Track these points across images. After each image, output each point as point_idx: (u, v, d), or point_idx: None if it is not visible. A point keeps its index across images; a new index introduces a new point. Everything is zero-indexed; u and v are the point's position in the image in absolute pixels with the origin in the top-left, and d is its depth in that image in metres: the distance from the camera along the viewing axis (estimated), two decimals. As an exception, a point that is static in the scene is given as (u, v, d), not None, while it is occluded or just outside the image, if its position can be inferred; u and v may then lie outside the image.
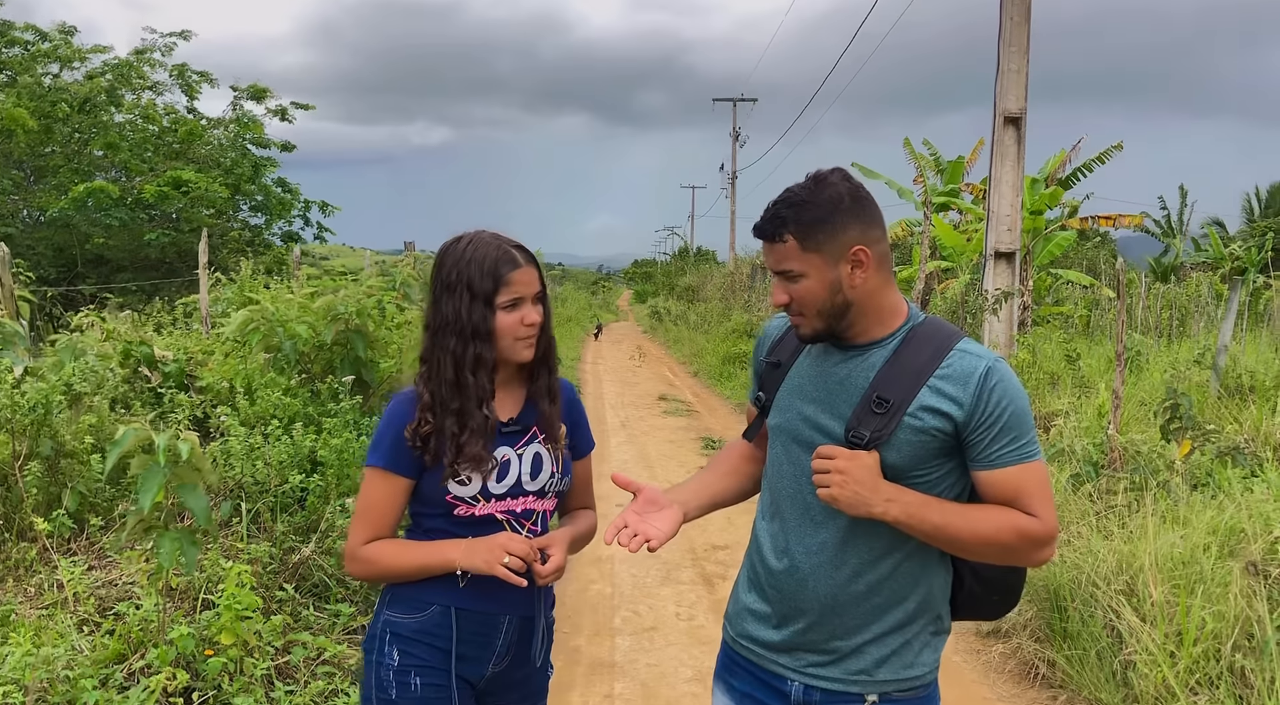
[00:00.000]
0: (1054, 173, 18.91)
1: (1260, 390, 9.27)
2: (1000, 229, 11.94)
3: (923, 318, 1.95)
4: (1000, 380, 1.82)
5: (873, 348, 1.91)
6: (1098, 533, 5.07)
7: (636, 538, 1.96)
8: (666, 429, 11.90)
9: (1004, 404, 1.81)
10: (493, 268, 2.05)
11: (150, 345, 6.34)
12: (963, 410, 1.81)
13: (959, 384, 1.82)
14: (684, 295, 33.70)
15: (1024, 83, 12.00)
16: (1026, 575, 2.07)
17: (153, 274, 16.35)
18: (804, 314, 1.91)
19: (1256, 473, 5.56)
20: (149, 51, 17.78)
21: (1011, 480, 1.83)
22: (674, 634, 5.18)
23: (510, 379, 2.17)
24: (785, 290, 1.91)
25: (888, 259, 1.92)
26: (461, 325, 2.05)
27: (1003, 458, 1.82)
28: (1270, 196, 36.19)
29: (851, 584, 1.90)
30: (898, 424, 1.83)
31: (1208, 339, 14.59)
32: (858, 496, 1.81)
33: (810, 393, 1.96)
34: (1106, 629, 4.37)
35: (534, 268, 2.11)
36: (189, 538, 3.33)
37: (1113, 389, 6.88)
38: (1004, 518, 1.83)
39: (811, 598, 1.93)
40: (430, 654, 2.09)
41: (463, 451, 2.05)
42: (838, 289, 1.86)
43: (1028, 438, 1.83)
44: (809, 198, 1.86)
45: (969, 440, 1.83)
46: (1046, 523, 1.84)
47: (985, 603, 2.04)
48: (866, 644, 1.91)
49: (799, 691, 1.95)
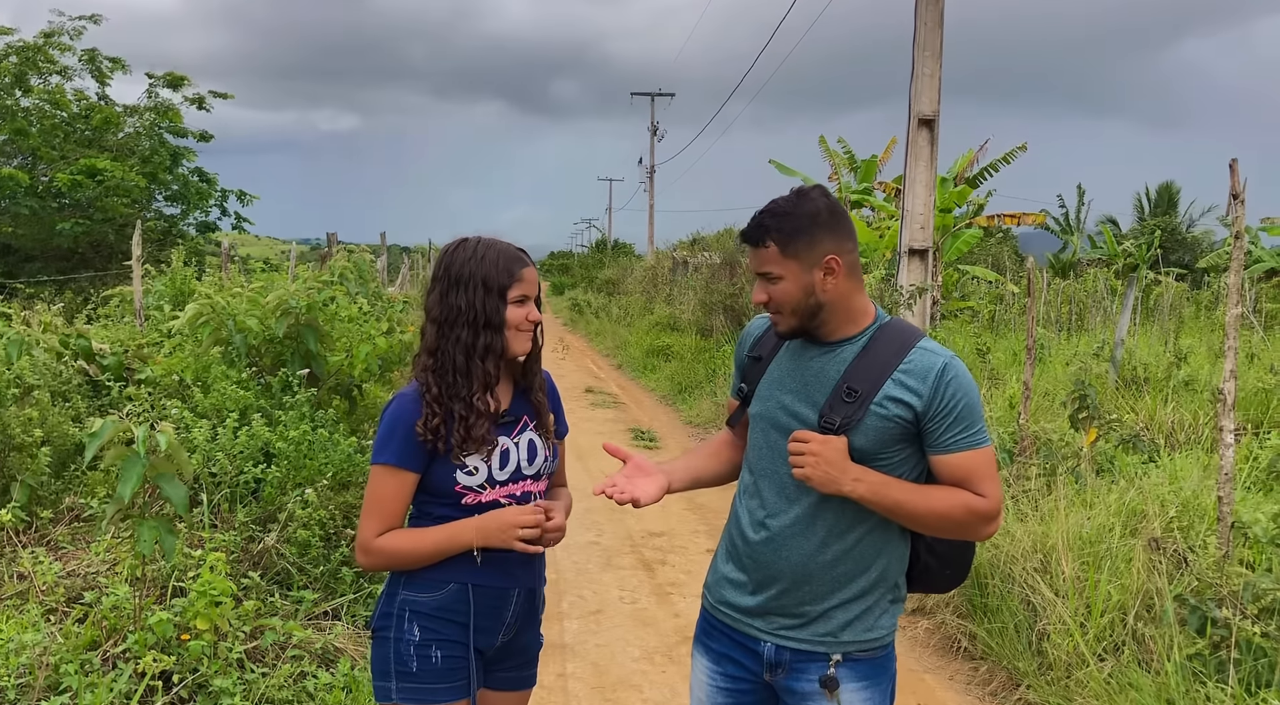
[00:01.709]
0: (962, 172, 19.59)
1: (1154, 381, 9.89)
2: (914, 227, 12.42)
3: (888, 319, 2.22)
4: (955, 376, 2.09)
5: (844, 344, 2.17)
6: (1014, 515, 5.45)
7: (624, 493, 2.23)
8: (595, 420, 12.11)
9: (958, 396, 2.08)
10: (508, 264, 2.27)
11: (88, 338, 6.31)
12: (922, 401, 2.08)
13: (919, 378, 2.08)
14: (604, 288, 33.88)
15: (937, 86, 12.48)
16: (974, 551, 2.35)
17: (63, 264, 15.92)
18: (781, 312, 2.16)
19: (1154, 458, 6.01)
20: (57, 34, 17.25)
21: (963, 464, 2.10)
22: (619, 616, 5.41)
23: (503, 373, 2.36)
24: (765, 290, 2.16)
25: (858, 268, 2.19)
26: (475, 315, 2.24)
27: (956, 444, 2.09)
28: (1159, 196, 37.91)
29: (820, 554, 2.15)
30: (865, 412, 2.09)
31: (1105, 333, 15.38)
32: (828, 476, 2.07)
33: (788, 384, 2.22)
34: (1023, 603, 4.74)
35: (535, 271, 2.34)
36: (167, 526, 3.43)
37: (1023, 381, 7.31)
38: (956, 497, 2.10)
39: (784, 566, 2.18)
40: (449, 628, 2.28)
41: (470, 434, 2.23)
42: (811, 292, 2.12)
43: (978, 427, 2.10)
44: (791, 210, 2.12)
45: (926, 428, 2.10)
46: (993, 500, 2.11)
47: (939, 576, 2.32)
48: (833, 609, 2.16)
49: (771, 651, 2.20)
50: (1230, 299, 4.65)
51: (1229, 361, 4.64)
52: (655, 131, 43.90)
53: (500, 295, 2.26)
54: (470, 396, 2.25)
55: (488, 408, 2.27)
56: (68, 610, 3.87)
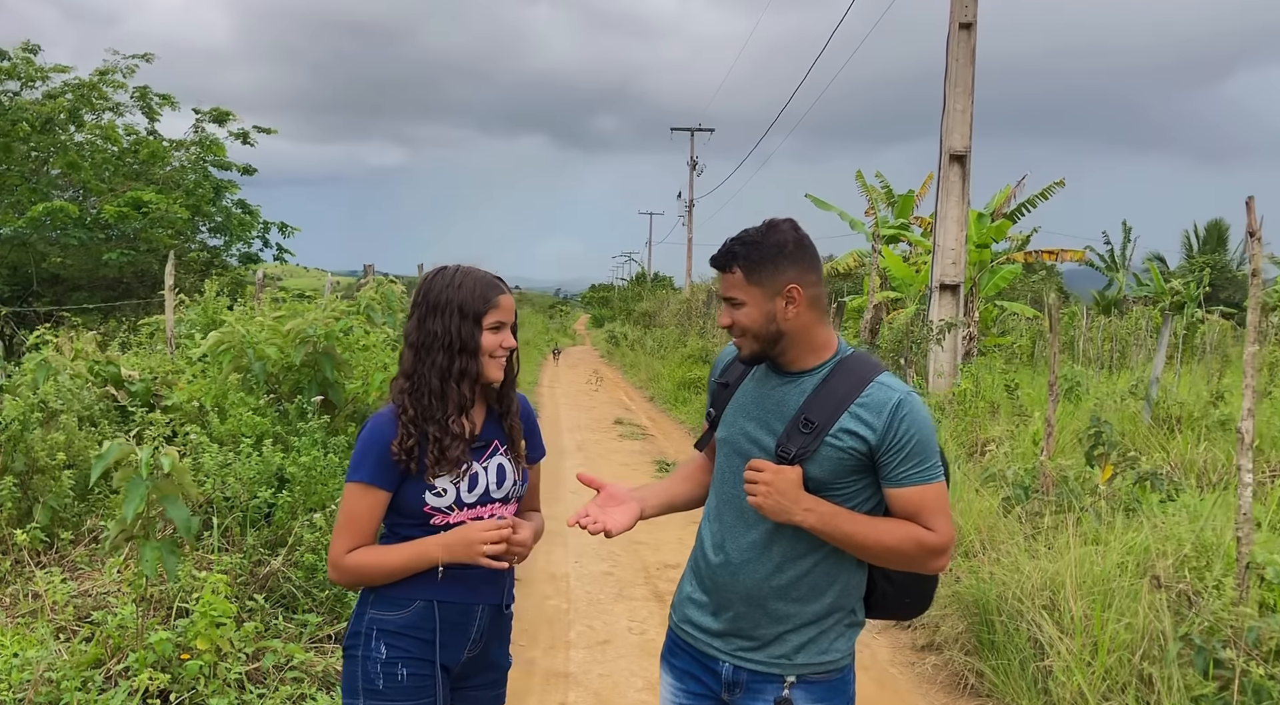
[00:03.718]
0: (1000, 207, 19.51)
1: (1188, 420, 9.74)
2: (945, 262, 12.39)
3: (850, 352, 2.26)
4: (910, 411, 2.11)
5: (805, 376, 2.22)
6: (1025, 553, 5.39)
7: (596, 524, 2.28)
8: (622, 452, 12.15)
9: (911, 432, 2.10)
10: (484, 291, 2.33)
11: (117, 365, 6.49)
12: (875, 435, 2.10)
13: (875, 412, 2.11)
14: (641, 320, 34.00)
15: (969, 122, 12.49)
16: (936, 582, 2.36)
17: (109, 293, 16.31)
18: (744, 336, 2.22)
19: (1173, 496, 5.92)
20: (111, 72, 17.79)
21: (914, 498, 2.12)
22: (626, 647, 5.41)
23: (476, 398, 2.41)
24: (729, 314, 2.23)
25: (820, 301, 2.24)
26: (450, 340, 2.30)
27: (908, 478, 2.12)
28: (1208, 233, 37.38)
29: (774, 578, 2.19)
30: (820, 443, 2.12)
31: (1146, 371, 15.15)
32: (780, 505, 2.11)
33: (751, 411, 2.27)
34: (1030, 641, 4.68)
35: (512, 299, 2.40)
36: (170, 547, 3.52)
37: (1045, 417, 7.24)
38: (905, 530, 2.13)
39: (741, 589, 2.22)
40: (415, 646, 2.33)
41: (445, 455, 2.29)
42: (772, 319, 2.18)
43: (931, 462, 2.13)
44: (759, 239, 2.19)
45: (880, 461, 2.12)
46: (942, 535, 2.13)
47: (897, 604, 2.34)
48: (787, 632, 2.20)
49: (729, 671, 2.25)
50: (1249, 337, 4.61)
51: (1247, 400, 4.60)
52: (694, 166, 44.17)
53: (476, 321, 2.31)
54: (445, 419, 2.31)
55: (462, 430, 2.33)
56: (77, 628, 3.96)
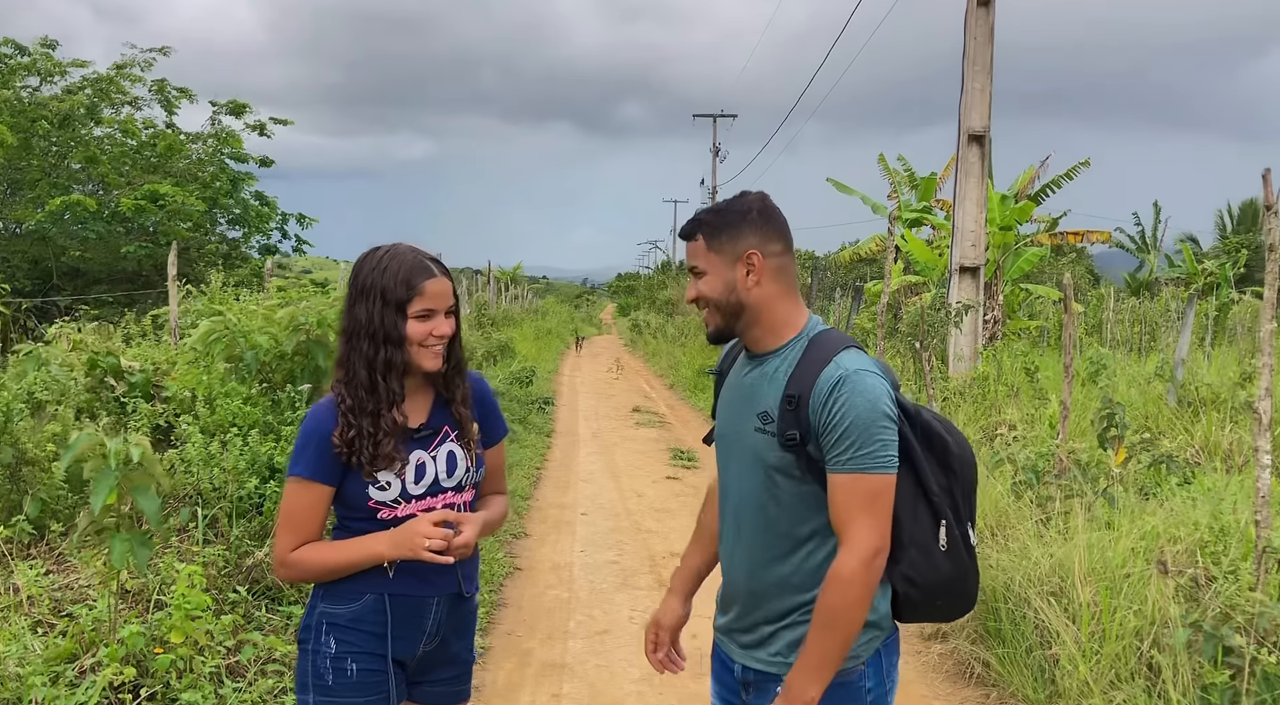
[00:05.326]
0: (1023, 189, 19.19)
1: (1214, 402, 9.49)
2: (965, 244, 12.16)
3: (822, 329, 2.12)
4: (849, 390, 1.93)
5: (769, 357, 2.10)
6: (1035, 538, 5.23)
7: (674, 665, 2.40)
8: (637, 440, 12.04)
9: (843, 411, 1.93)
10: (407, 276, 2.16)
11: (117, 355, 6.45)
12: (814, 415, 1.96)
13: (820, 390, 1.97)
14: (664, 308, 33.87)
15: (988, 101, 12.23)
16: (969, 578, 2.11)
17: (129, 286, 16.41)
18: (708, 309, 2.12)
19: (1188, 480, 5.74)
20: (129, 66, 17.87)
21: (841, 488, 1.95)
22: (625, 637, 5.31)
23: (420, 386, 2.29)
24: (694, 287, 2.13)
25: (785, 272, 2.11)
26: (374, 329, 2.16)
27: (833, 463, 1.95)
28: (1242, 213, 36.68)
29: (764, 573, 2.09)
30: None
31: (1172, 353, 14.84)
32: None
33: (730, 402, 2.18)
34: (1036, 629, 4.53)
35: (448, 281, 2.23)
36: (141, 539, 3.45)
37: (1061, 400, 7.05)
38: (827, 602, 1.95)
39: (740, 586, 2.15)
40: (366, 640, 2.23)
41: (378, 450, 2.17)
42: (732, 288, 2.07)
43: (864, 450, 1.92)
44: (724, 206, 2.11)
45: (821, 444, 1.97)
46: (852, 550, 1.93)
47: (928, 607, 2.11)
48: (781, 630, 2.09)
49: (740, 670, 2.17)
50: (1264, 314, 4.43)
51: (1264, 379, 4.42)
52: (717, 153, 43.89)
53: (398, 309, 2.17)
54: (376, 413, 2.19)
55: (393, 425, 2.20)
56: (55, 622, 3.91)
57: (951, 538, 2.08)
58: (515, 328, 25.59)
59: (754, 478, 2.08)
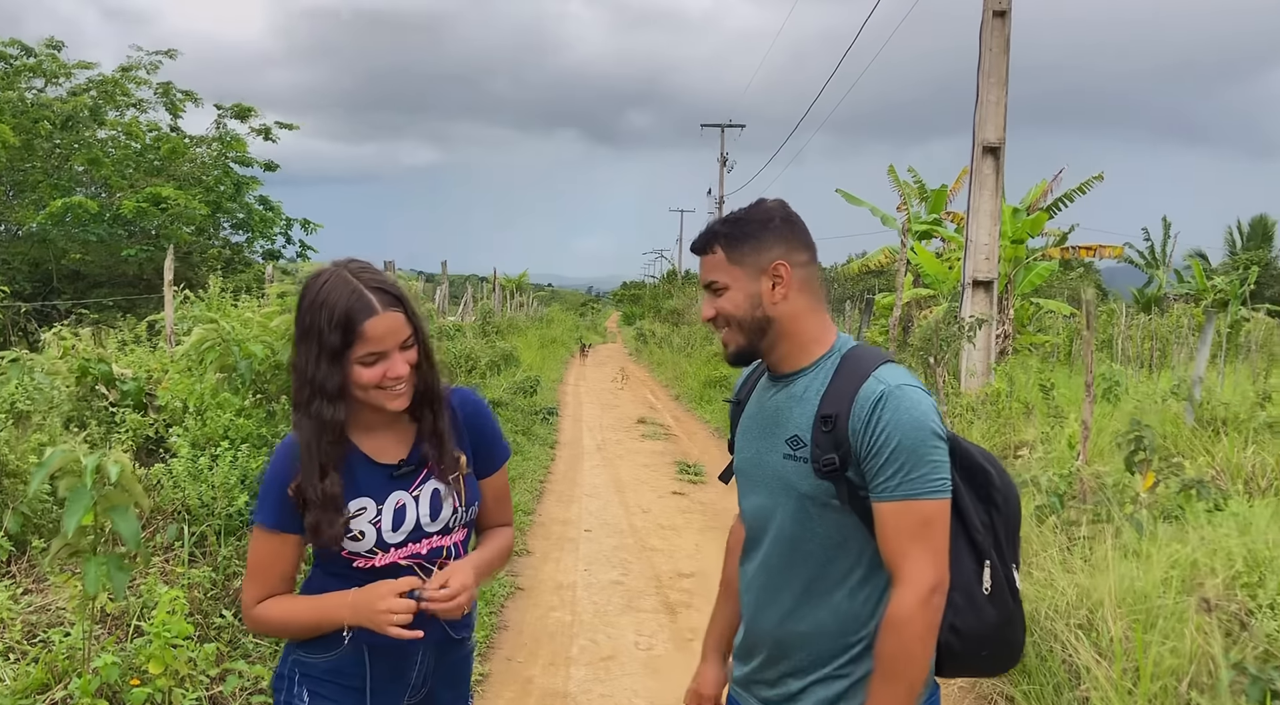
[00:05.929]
0: (1035, 202, 18.99)
1: (1233, 422, 9.24)
2: (978, 257, 11.95)
3: (854, 345, 1.92)
4: (895, 407, 1.74)
5: (798, 376, 1.90)
6: (1060, 566, 5.00)
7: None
8: (643, 453, 11.81)
9: (887, 431, 1.74)
10: (343, 318, 1.83)
11: (109, 363, 6.25)
12: (857, 436, 1.76)
13: (860, 408, 1.77)
14: (669, 318, 33.68)
15: (1003, 113, 12.04)
16: (1018, 626, 1.93)
17: (130, 290, 16.22)
18: (729, 328, 1.91)
19: (1220, 506, 5.51)
20: (134, 68, 17.74)
21: (890, 518, 1.75)
22: (631, 664, 5.08)
23: (396, 418, 2.00)
24: (711, 304, 1.92)
25: (812, 284, 1.92)
26: (311, 376, 1.88)
27: (881, 490, 1.76)
28: (1252, 229, 36.47)
29: (797, 620, 1.88)
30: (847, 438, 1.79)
31: (1187, 370, 14.61)
32: None
33: (755, 430, 1.97)
34: (1064, 665, 4.30)
35: (399, 311, 1.89)
36: (117, 562, 3.23)
37: (1081, 419, 6.84)
38: (885, 651, 1.76)
39: (766, 633, 1.93)
40: (342, 694, 2.00)
41: (318, 531, 1.91)
42: (758, 303, 1.87)
43: (916, 474, 1.73)
44: (742, 215, 1.91)
45: (864, 470, 1.77)
46: (912, 585, 1.73)
47: (971, 658, 1.89)
48: (813, 684, 1.88)
49: None
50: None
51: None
52: (725, 162, 43.77)
53: (334, 359, 1.85)
54: (311, 478, 1.89)
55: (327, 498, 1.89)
56: (27, 648, 3.69)
57: (996, 580, 1.87)
58: (520, 336, 25.39)
59: (784, 511, 1.87)
